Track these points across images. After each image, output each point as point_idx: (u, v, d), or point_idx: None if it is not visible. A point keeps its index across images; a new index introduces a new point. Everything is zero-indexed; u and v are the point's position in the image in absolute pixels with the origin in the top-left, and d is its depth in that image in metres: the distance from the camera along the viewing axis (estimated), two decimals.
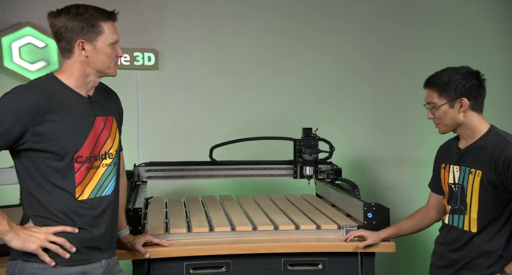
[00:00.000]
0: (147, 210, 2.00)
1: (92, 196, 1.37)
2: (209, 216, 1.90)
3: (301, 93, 2.77)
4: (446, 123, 1.56)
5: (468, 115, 1.54)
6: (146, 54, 2.61)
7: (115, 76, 1.43)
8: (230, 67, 2.72)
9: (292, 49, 2.76)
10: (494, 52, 2.84)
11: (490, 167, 1.48)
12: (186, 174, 2.27)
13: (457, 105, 1.53)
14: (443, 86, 1.53)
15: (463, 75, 1.53)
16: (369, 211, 1.75)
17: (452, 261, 1.58)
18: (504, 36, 2.87)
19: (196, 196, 2.29)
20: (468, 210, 1.54)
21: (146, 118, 2.64)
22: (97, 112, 1.40)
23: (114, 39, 1.39)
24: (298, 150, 2.29)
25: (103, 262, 1.40)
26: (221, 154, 2.29)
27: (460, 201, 1.57)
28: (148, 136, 2.63)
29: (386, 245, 1.68)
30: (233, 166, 2.31)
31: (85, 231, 1.36)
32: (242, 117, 2.70)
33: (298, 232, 1.75)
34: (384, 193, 2.77)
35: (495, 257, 1.49)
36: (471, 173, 1.53)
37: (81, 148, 1.35)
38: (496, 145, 1.48)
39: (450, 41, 2.84)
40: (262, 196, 2.33)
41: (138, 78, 2.64)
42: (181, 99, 2.68)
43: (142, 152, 2.60)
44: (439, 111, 1.56)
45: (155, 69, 2.63)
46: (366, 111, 2.82)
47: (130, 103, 2.61)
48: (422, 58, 2.78)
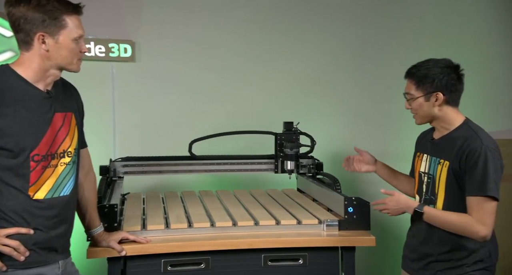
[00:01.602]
0: (124, 206, 1.99)
1: (49, 196, 1.34)
2: (188, 212, 1.89)
3: (282, 86, 2.76)
4: (421, 115, 1.61)
5: (443, 109, 1.59)
6: (122, 45, 2.55)
7: (77, 72, 1.40)
8: (211, 60, 2.68)
9: (275, 42, 2.75)
10: (477, 45, 2.89)
11: (456, 157, 1.53)
12: (164, 169, 2.25)
13: (432, 98, 1.57)
14: (421, 79, 1.57)
15: (442, 69, 1.56)
16: (350, 206, 1.76)
17: (423, 254, 1.61)
18: (487, 29, 2.93)
19: (174, 192, 2.28)
20: (436, 200, 1.59)
21: (122, 112, 2.59)
22: (56, 108, 1.37)
23: (78, 34, 1.34)
24: (279, 145, 2.30)
25: (61, 263, 1.38)
26: (201, 148, 2.29)
27: (430, 191, 1.61)
28: (124, 131, 2.59)
29: (366, 239, 1.70)
30: (213, 161, 2.32)
31: (41, 232, 1.33)
32: (222, 111, 2.68)
33: (278, 227, 1.76)
34: (365, 187, 2.79)
35: (468, 250, 1.54)
36: (440, 163, 1.58)
37: (38, 145, 1.31)
38: (466, 138, 1.53)
39: (433, 34, 2.88)
40: (242, 191, 2.33)
41: (114, 70, 2.58)
42: (159, 93, 2.64)
43: (119, 147, 2.56)
44: (415, 103, 1.60)
45: (131, 61, 2.58)
46: (348, 105, 2.83)
47: (106, 96, 2.56)
48: (405, 51, 2.81)
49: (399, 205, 1.58)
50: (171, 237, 1.66)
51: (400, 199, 1.58)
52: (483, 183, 1.46)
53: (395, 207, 1.58)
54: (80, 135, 1.47)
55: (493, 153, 1.48)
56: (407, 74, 1.62)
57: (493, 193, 1.46)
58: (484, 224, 1.46)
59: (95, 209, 1.58)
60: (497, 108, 2.93)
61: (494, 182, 1.46)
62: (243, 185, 2.52)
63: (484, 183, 1.46)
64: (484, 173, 1.46)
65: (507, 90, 2.94)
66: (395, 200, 1.59)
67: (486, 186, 1.45)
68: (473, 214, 1.48)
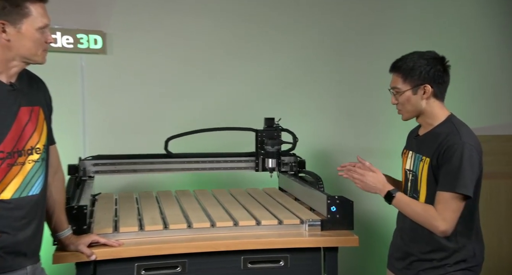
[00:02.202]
0: (94, 207, 1.97)
1: (16, 196, 1.31)
2: (163, 213, 1.88)
3: (263, 81, 2.76)
4: (408, 109, 1.62)
5: (430, 102, 1.61)
6: (92, 36, 2.50)
7: (43, 63, 1.36)
8: (188, 52, 2.67)
9: (255, 35, 2.75)
10: (458, 37, 2.94)
11: (435, 154, 1.56)
12: (138, 168, 2.23)
13: (420, 91, 1.59)
14: (408, 72, 1.58)
15: (428, 61, 1.59)
16: (333, 205, 1.78)
17: (407, 253, 1.65)
18: (473, 21, 2.98)
19: (149, 192, 2.27)
20: (418, 198, 1.61)
21: (93, 107, 2.55)
22: (22, 102, 1.33)
23: (43, 23, 1.31)
24: (260, 142, 2.30)
25: (29, 269, 1.36)
26: (178, 146, 2.27)
27: (414, 189, 1.64)
28: (95, 127, 2.55)
29: (349, 239, 1.72)
30: (190, 159, 2.30)
31: (8, 235, 1.29)
32: (200, 107, 2.66)
33: (259, 227, 1.76)
34: (349, 186, 2.79)
35: (448, 250, 1.57)
36: (422, 160, 1.61)
37: (3, 142, 1.28)
38: (448, 134, 1.56)
39: (418, 27, 2.92)
40: (221, 191, 2.32)
41: (83, 62, 2.53)
42: (133, 87, 2.61)
43: (89, 144, 2.52)
44: (403, 97, 1.61)
45: (102, 53, 2.54)
46: (331, 100, 2.86)
47: (75, 91, 2.51)
48: (389, 44, 2.85)
49: (376, 183, 1.59)
50: (145, 240, 1.65)
51: (380, 178, 1.61)
52: (454, 180, 1.48)
53: (371, 182, 1.60)
54: (49, 131, 1.44)
55: (470, 149, 1.50)
56: (393, 68, 1.63)
57: (463, 190, 1.48)
58: (444, 219, 1.49)
59: (63, 210, 1.56)
60: (485, 103, 3.00)
61: (468, 179, 1.48)
62: (222, 184, 2.52)
63: (455, 179, 1.48)
64: (457, 169, 1.48)
65: (494, 85, 3.01)
66: (375, 177, 1.60)
67: (457, 182, 1.48)
68: (437, 208, 1.51)
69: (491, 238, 2.87)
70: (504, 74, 3.01)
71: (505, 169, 2.93)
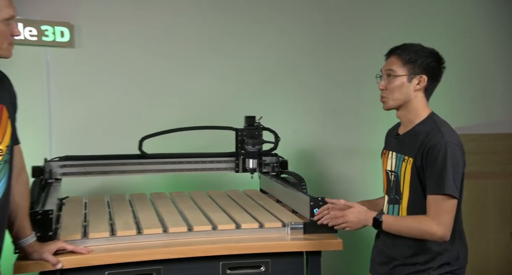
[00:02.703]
0: (61, 212, 1.93)
1: None
2: (137, 217, 1.86)
3: (243, 77, 2.75)
4: (395, 97, 1.62)
5: (418, 96, 1.63)
6: (58, 28, 2.44)
7: (8, 57, 1.33)
8: (163, 46, 2.64)
9: (234, 29, 2.74)
10: (446, 32, 2.98)
11: (418, 154, 1.57)
12: (110, 169, 2.21)
13: (415, 80, 1.61)
14: (410, 57, 1.60)
15: (431, 53, 1.62)
16: (316, 207, 1.77)
17: (390, 257, 1.66)
18: (460, 18, 3.02)
19: (122, 195, 2.24)
20: (401, 200, 1.63)
21: (60, 104, 2.50)
22: None
23: (8, 15, 1.28)
24: (240, 141, 2.29)
25: None
26: (153, 146, 2.25)
27: (395, 191, 1.66)
28: (62, 126, 2.50)
29: (333, 242, 1.73)
30: (166, 160, 2.28)
31: None
32: (177, 104, 2.64)
33: (238, 231, 1.76)
34: (333, 187, 2.85)
35: (432, 253, 1.58)
36: (404, 160, 1.62)
37: None
38: (429, 132, 1.58)
39: (401, 20, 2.95)
40: (199, 193, 2.31)
41: (48, 57, 2.48)
42: (103, 83, 2.57)
43: (56, 144, 2.47)
44: (395, 82, 1.61)
45: (69, 46, 2.49)
46: (314, 98, 2.86)
47: (40, 87, 2.46)
48: (375, 39, 2.86)
49: (359, 217, 1.61)
50: (117, 246, 1.62)
51: (360, 210, 1.62)
52: (441, 181, 1.50)
53: (355, 219, 1.61)
54: (13, 130, 1.40)
55: (453, 148, 1.52)
56: (393, 51, 1.64)
57: (450, 191, 1.49)
58: (440, 223, 1.50)
59: (26, 215, 1.52)
60: (472, 101, 3.05)
61: (452, 180, 1.50)
62: (201, 186, 2.51)
63: (442, 180, 1.50)
64: (443, 170, 1.50)
65: (483, 82, 3.06)
66: (355, 212, 1.62)
67: (444, 183, 1.49)
68: (429, 213, 1.52)
69: (478, 240, 2.92)
70: (493, 70, 3.06)
71: (493, 169, 2.97)
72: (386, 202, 1.72)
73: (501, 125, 3.03)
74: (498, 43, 3.06)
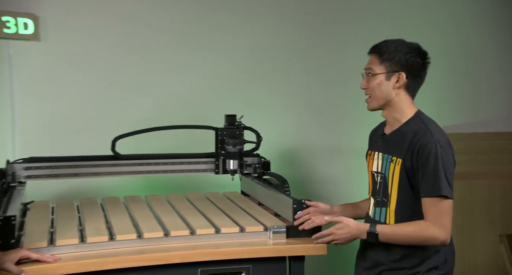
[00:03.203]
0: (25, 218, 1.90)
1: None
2: (109, 222, 1.84)
3: (223, 73, 2.73)
4: (377, 96, 1.65)
5: (401, 94, 1.64)
6: (21, 19, 2.38)
7: None
8: (135, 41, 2.60)
9: (213, 22, 2.72)
10: (432, 26, 3.01)
11: (408, 154, 1.58)
12: (80, 171, 2.18)
13: (393, 78, 1.62)
14: (386, 54, 1.62)
15: (410, 49, 1.63)
16: (299, 209, 1.79)
17: (376, 262, 1.67)
18: (447, 12, 3.05)
19: (93, 199, 2.22)
20: (389, 202, 1.64)
21: (24, 102, 2.45)
22: None
23: None
24: (220, 141, 2.30)
25: None
26: (127, 147, 2.24)
27: (383, 193, 1.66)
28: (27, 126, 2.45)
29: (317, 247, 1.72)
30: (142, 161, 2.27)
31: None
32: (152, 102, 2.62)
33: (218, 236, 1.75)
34: (317, 189, 2.85)
35: (419, 257, 1.60)
36: (392, 161, 1.63)
37: None
38: (417, 131, 1.59)
39: (386, 15, 2.96)
40: (177, 196, 2.30)
41: (11, 50, 2.42)
42: (72, 79, 2.52)
43: (19, 145, 2.42)
44: (374, 80, 1.64)
45: (34, 39, 2.43)
46: (298, 95, 2.86)
47: (1, 83, 2.39)
48: (360, 34, 2.87)
49: (350, 232, 1.60)
50: (87, 254, 1.60)
51: (350, 225, 1.60)
52: (435, 182, 1.51)
53: (346, 235, 1.60)
54: None
55: (444, 148, 1.54)
56: (373, 48, 1.66)
57: (446, 192, 1.51)
58: (441, 227, 1.52)
59: None
60: (460, 98, 3.08)
61: (446, 180, 1.52)
62: (178, 188, 2.49)
63: (437, 182, 1.51)
64: (436, 170, 1.52)
65: (471, 79, 3.10)
66: (344, 226, 1.61)
67: (439, 185, 1.51)
68: (428, 217, 1.53)
69: (465, 243, 2.96)
70: (481, 67, 3.10)
71: (481, 169, 3.02)
72: (372, 204, 1.73)
73: (489, 123, 3.07)
74: (488, 37, 3.09)
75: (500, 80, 3.12)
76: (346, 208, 1.82)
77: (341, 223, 1.61)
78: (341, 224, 1.61)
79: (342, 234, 1.60)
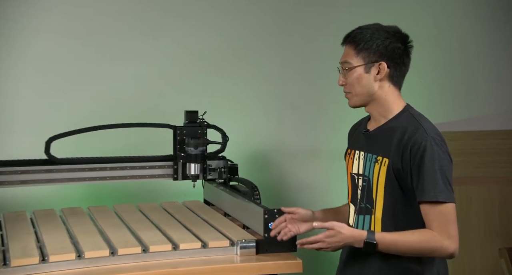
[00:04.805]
0: None
1: None
2: (41, 241, 1.81)
3: (181, 63, 2.71)
4: (357, 92, 1.64)
5: (385, 87, 1.63)
6: None
7: None
8: (80, 24, 2.57)
9: (174, 4, 2.70)
10: (422, 12, 3.05)
11: (397, 153, 1.58)
12: (6, 179, 2.14)
13: (374, 70, 1.62)
14: (362, 44, 1.61)
15: (388, 34, 1.62)
16: (271, 220, 1.78)
17: None
18: (438, 7, 3.10)
19: (22, 212, 2.19)
20: (374, 209, 1.63)
21: None
22: None
23: None
24: (180, 142, 2.29)
25: None
26: (65, 149, 2.23)
27: (366, 198, 1.65)
28: None
29: (291, 264, 1.73)
30: (83, 166, 2.25)
31: None
32: (96, 96, 2.58)
33: (176, 253, 1.74)
34: (292, 195, 2.87)
35: (410, 273, 1.59)
36: (377, 161, 1.62)
37: None
38: (406, 128, 1.59)
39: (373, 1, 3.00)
40: (127, 206, 2.29)
41: None
42: None
43: None
44: (353, 75, 1.63)
45: None
46: (270, 89, 2.86)
47: None
48: (341, 18, 2.88)
49: (343, 240, 1.57)
50: None
51: (344, 232, 1.57)
52: (434, 185, 1.51)
53: (337, 243, 1.58)
54: None
55: (440, 145, 1.54)
56: (346, 38, 1.65)
57: (447, 196, 1.51)
58: (450, 237, 1.51)
59: None
60: (453, 93, 3.13)
61: (447, 181, 1.53)
62: (129, 197, 2.47)
63: (436, 184, 1.51)
64: (434, 172, 1.51)
65: (465, 71, 3.13)
66: (337, 235, 1.57)
67: (439, 188, 1.51)
68: (433, 225, 1.52)
69: (461, 254, 2.97)
70: (475, 58, 3.15)
71: (477, 173, 3.05)
72: (352, 212, 1.71)
73: (484, 121, 3.12)
74: (483, 27, 3.15)
75: (496, 73, 3.18)
76: (328, 213, 1.81)
77: (333, 230, 1.57)
78: (333, 231, 1.57)
79: (332, 242, 1.57)
